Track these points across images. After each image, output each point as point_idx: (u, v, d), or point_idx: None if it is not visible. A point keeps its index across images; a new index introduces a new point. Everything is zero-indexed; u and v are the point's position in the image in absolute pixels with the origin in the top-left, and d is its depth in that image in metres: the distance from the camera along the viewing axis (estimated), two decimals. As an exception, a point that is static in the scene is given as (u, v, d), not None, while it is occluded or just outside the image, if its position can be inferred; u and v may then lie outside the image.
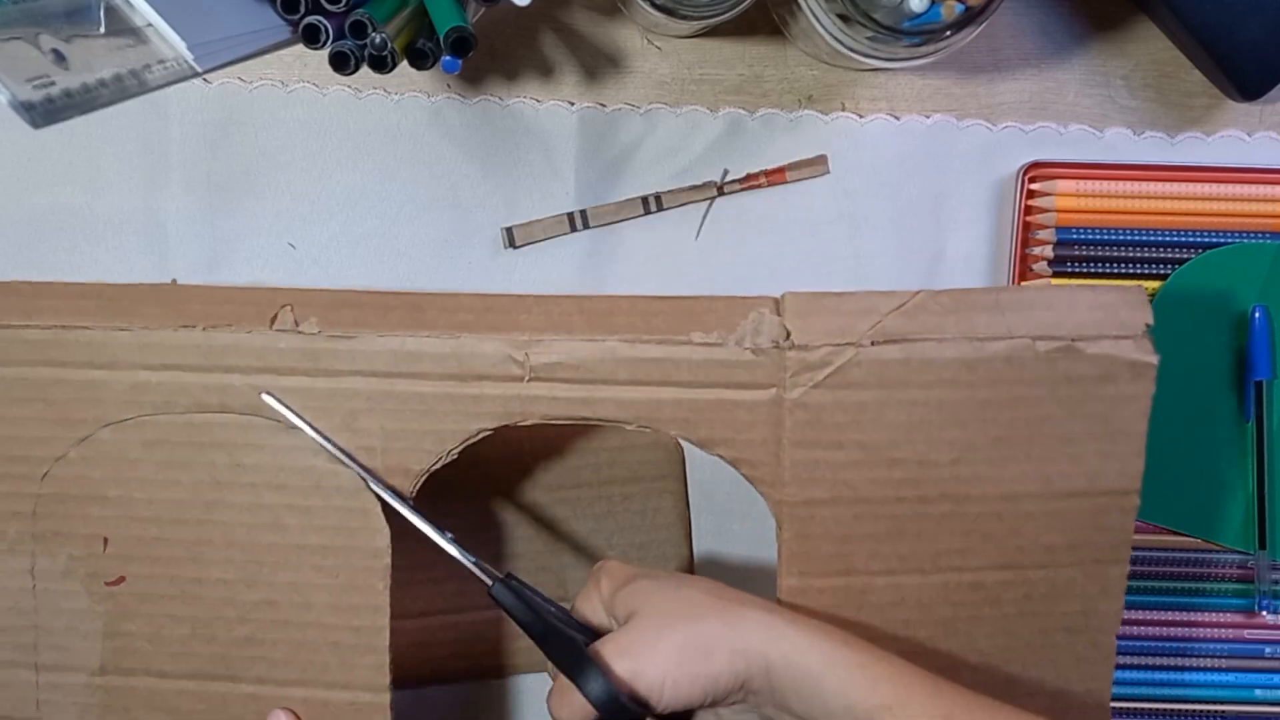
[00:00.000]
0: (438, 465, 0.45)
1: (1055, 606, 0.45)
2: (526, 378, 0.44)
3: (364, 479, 0.45)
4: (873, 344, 0.44)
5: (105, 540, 0.46)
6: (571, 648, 0.41)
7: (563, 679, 0.41)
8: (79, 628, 0.47)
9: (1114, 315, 0.44)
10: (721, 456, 0.45)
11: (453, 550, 0.44)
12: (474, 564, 0.43)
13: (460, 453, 0.45)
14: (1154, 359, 0.43)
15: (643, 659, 0.40)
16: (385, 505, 0.45)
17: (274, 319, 0.45)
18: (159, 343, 0.45)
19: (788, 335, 0.44)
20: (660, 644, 0.40)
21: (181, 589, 0.46)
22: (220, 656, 0.46)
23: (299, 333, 0.45)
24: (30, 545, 0.47)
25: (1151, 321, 0.44)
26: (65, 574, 0.47)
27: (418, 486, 0.45)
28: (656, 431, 0.44)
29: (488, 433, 0.45)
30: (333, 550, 0.46)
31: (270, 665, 0.46)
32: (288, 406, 0.45)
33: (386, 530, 0.45)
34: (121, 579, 0.46)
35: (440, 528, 0.44)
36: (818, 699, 0.39)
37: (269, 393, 0.45)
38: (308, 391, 0.45)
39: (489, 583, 0.43)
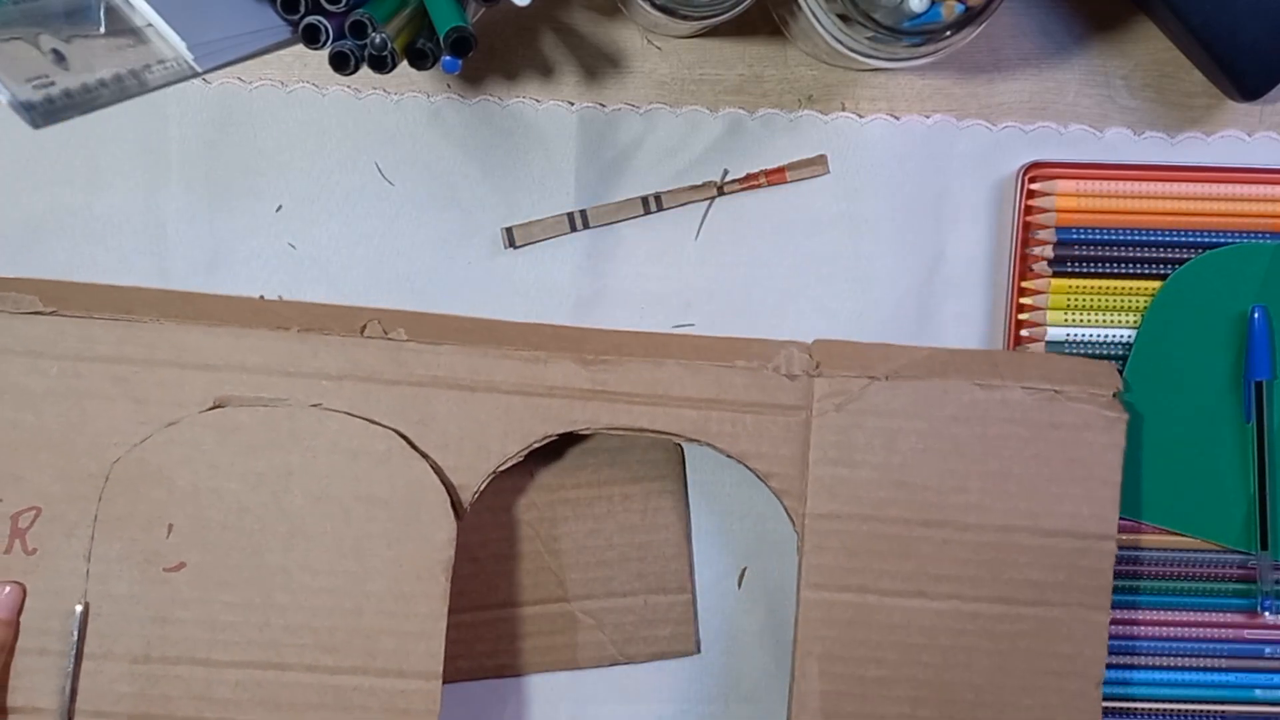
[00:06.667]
0: (506, 465, 0.49)
1: (1045, 647, 0.49)
2: (593, 389, 0.50)
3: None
4: (888, 379, 0.50)
5: (170, 527, 0.48)
6: None
7: None
8: (126, 613, 0.48)
9: (1091, 378, 0.51)
10: (755, 470, 0.50)
11: None
12: None
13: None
14: (1124, 416, 0.51)
15: None
16: (453, 498, 0.48)
17: (363, 328, 0.50)
18: (250, 344, 0.49)
19: (816, 365, 0.50)
20: None
21: (240, 575, 0.48)
22: (271, 643, 0.48)
23: (388, 339, 0.50)
24: (90, 529, 0.48)
25: (1120, 388, 0.51)
26: (121, 558, 0.48)
27: (484, 484, 0.49)
28: (699, 442, 0.50)
29: (553, 438, 0.50)
30: (397, 540, 0.48)
31: (322, 652, 0.48)
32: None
33: (452, 523, 0.48)
34: (181, 565, 0.48)
35: None
36: None
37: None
38: (390, 393, 0.49)
39: None
